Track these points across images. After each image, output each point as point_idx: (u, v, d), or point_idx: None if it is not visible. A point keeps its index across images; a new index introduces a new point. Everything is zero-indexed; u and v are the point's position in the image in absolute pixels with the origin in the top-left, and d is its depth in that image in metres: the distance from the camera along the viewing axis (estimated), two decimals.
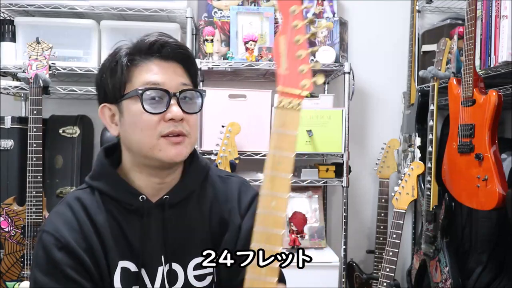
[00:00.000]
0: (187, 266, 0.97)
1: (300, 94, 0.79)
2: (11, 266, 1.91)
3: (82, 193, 0.97)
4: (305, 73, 0.80)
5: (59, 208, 0.96)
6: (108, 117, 0.97)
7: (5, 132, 2.08)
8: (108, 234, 0.92)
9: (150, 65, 0.92)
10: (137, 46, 0.93)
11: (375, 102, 2.60)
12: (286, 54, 0.80)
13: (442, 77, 2.04)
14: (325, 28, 2.18)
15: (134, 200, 0.94)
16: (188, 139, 0.93)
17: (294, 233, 2.18)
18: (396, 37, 2.58)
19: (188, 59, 0.96)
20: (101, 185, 0.96)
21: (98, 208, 0.94)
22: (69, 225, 0.91)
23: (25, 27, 2.15)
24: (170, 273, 0.96)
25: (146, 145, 0.91)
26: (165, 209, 0.96)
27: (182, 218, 0.98)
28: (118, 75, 0.92)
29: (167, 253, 0.96)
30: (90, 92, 2.13)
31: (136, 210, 0.95)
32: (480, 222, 2.04)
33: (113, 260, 0.92)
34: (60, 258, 0.88)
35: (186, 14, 2.15)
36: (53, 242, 0.89)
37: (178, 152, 0.91)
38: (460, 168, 1.81)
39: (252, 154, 2.13)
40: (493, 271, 1.97)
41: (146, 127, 0.90)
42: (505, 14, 1.72)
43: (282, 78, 0.80)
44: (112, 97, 0.94)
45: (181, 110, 0.90)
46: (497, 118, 1.69)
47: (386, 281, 1.75)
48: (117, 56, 0.93)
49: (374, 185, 2.55)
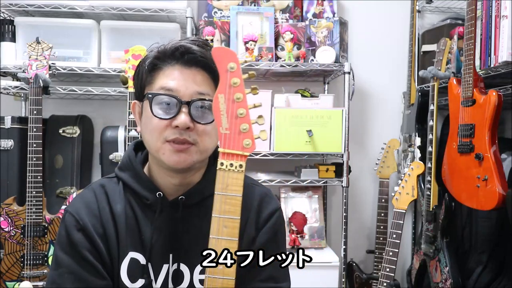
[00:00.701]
0: (194, 268, 0.97)
1: (243, 154, 0.78)
2: (11, 266, 1.91)
3: (108, 182, 1.02)
4: (247, 131, 0.79)
5: (84, 192, 1.01)
6: (137, 113, 1.01)
7: (5, 132, 2.08)
8: (123, 223, 0.96)
9: (172, 70, 0.93)
10: (164, 50, 0.94)
11: (375, 102, 2.60)
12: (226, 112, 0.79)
13: (442, 77, 2.04)
14: (325, 28, 2.18)
15: (151, 195, 0.97)
16: (195, 148, 0.92)
17: (294, 233, 2.18)
18: (396, 37, 2.58)
19: (211, 68, 0.94)
20: (125, 176, 1.00)
21: (119, 197, 0.98)
22: (89, 210, 0.97)
23: (25, 27, 2.15)
24: (177, 273, 0.96)
25: (153, 147, 0.94)
26: (179, 209, 0.97)
27: (195, 220, 0.98)
28: (140, 77, 0.97)
29: (176, 252, 0.97)
30: (90, 92, 2.13)
31: (152, 205, 0.97)
32: (480, 222, 2.04)
33: (124, 249, 0.95)
34: (78, 239, 0.94)
35: (186, 14, 2.15)
36: (73, 223, 0.95)
37: (180, 159, 0.91)
38: (460, 168, 1.81)
39: (252, 154, 2.12)
40: (493, 271, 1.97)
41: (154, 130, 0.92)
42: (505, 14, 1.72)
43: (223, 139, 0.79)
44: (138, 95, 0.99)
45: (189, 118, 0.90)
46: (497, 118, 1.69)
47: (386, 281, 1.75)
48: (145, 58, 0.97)
49: (374, 185, 2.55)
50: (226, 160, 0.78)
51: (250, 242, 0.99)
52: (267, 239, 1.00)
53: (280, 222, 1.05)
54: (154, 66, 0.94)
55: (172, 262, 0.97)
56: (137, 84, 0.99)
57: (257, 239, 0.99)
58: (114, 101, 2.44)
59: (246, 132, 0.78)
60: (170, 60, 0.93)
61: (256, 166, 2.35)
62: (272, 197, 1.06)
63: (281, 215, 1.06)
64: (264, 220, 1.01)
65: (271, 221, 1.01)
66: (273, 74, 2.39)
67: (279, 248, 1.02)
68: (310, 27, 2.20)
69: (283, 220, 1.08)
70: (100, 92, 2.14)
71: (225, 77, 0.79)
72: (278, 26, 2.25)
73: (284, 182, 2.18)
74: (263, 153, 2.12)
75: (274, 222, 1.02)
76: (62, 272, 0.93)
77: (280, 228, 1.04)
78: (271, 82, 2.50)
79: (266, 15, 2.23)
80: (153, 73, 0.94)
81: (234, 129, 0.78)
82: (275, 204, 1.04)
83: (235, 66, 0.79)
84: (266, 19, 2.23)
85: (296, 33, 2.22)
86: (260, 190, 1.06)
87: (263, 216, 1.01)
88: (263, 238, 0.99)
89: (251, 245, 0.99)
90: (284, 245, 1.06)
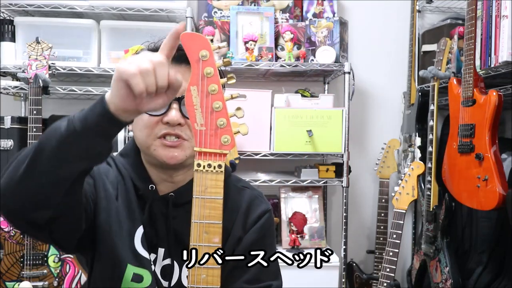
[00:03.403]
0: (183, 265, 0.97)
1: (221, 153, 0.70)
2: (10, 266, 1.91)
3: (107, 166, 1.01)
4: (224, 127, 0.70)
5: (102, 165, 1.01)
6: None
7: (5, 132, 2.07)
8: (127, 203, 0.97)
9: None
10: (153, 48, 0.94)
11: (375, 102, 2.60)
12: (200, 106, 0.70)
13: (442, 77, 2.04)
14: (325, 28, 2.18)
15: (143, 185, 0.97)
16: (188, 143, 0.92)
17: (294, 233, 2.17)
18: (396, 37, 2.57)
19: None
20: (124, 162, 1.01)
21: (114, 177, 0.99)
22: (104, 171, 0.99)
23: (25, 27, 2.15)
24: (167, 268, 0.97)
25: (144, 144, 0.94)
26: (169, 205, 0.97)
27: (185, 219, 0.97)
28: None
29: (167, 248, 0.97)
30: (90, 92, 2.13)
31: (143, 196, 0.97)
32: (480, 222, 2.04)
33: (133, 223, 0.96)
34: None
35: (186, 14, 2.15)
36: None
37: (171, 155, 0.91)
38: (460, 168, 1.80)
39: (252, 154, 2.12)
40: (493, 271, 1.97)
41: (145, 127, 0.92)
42: (505, 14, 1.72)
43: (198, 136, 0.70)
44: None
45: (180, 114, 0.90)
46: (497, 118, 1.69)
47: (386, 281, 1.75)
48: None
49: (374, 185, 2.55)
50: (203, 160, 0.70)
51: (236, 243, 0.98)
52: (254, 239, 0.99)
53: (270, 224, 1.04)
54: None
55: (164, 257, 0.97)
56: None
57: (244, 239, 0.99)
58: None
59: (224, 127, 0.71)
60: None
61: (256, 166, 2.35)
62: (262, 200, 1.05)
63: (271, 217, 1.05)
64: (253, 221, 1.00)
65: (259, 222, 1.01)
66: (273, 74, 2.39)
67: (266, 247, 1.00)
68: (310, 27, 2.20)
69: (273, 222, 1.07)
70: (100, 92, 2.14)
71: (197, 67, 0.70)
72: (278, 26, 2.25)
73: (284, 182, 2.18)
74: (263, 153, 2.12)
75: (263, 223, 1.01)
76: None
77: (268, 229, 1.03)
78: (271, 82, 2.50)
79: (266, 15, 2.23)
80: None
81: (210, 125, 0.71)
82: (265, 206, 1.03)
83: (207, 54, 0.70)
84: (266, 19, 2.23)
85: (296, 33, 2.22)
86: (250, 192, 1.05)
87: (252, 217, 1.01)
88: (250, 238, 0.98)
89: (236, 245, 0.98)
90: (272, 247, 1.05)
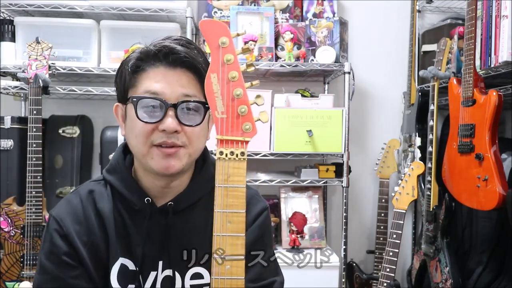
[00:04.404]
0: (185, 274, 0.96)
1: (244, 140, 0.69)
2: (10, 266, 1.91)
3: (95, 185, 0.98)
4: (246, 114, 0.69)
5: (71, 196, 0.98)
6: (120, 116, 0.98)
7: (5, 132, 2.07)
8: (112, 229, 0.93)
9: (156, 72, 0.89)
10: (146, 51, 0.90)
11: (375, 102, 2.60)
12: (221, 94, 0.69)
13: (442, 77, 2.04)
14: (325, 28, 2.18)
15: (139, 201, 0.94)
16: (184, 150, 0.89)
17: (294, 233, 2.17)
18: (396, 37, 2.57)
19: (196, 68, 0.90)
20: (113, 179, 0.96)
21: (107, 202, 0.95)
22: (74, 216, 0.93)
23: (25, 27, 2.15)
24: (169, 279, 0.94)
25: (139, 152, 0.91)
26: (168, 215, 0.94)
27: (185, 225, 0.96)
28: (123, 79, 0.93)
29: (167, 259, 0.94)
30: (90, 92, 2.13)
31: (140, 211, 0.94)
32: (480, 222, 2.04)
33: (114, 255, 0.93)
34: (60, 245, 0.91)
35: (186, 14, 2.14)
36: (56, 227, 0.92)
37: (169, 165, 0.88)
38: (460, 168, 1.80)
39: (252, 154, 2.12)
40: (493, 271, 1.97)
41: (140, 135, 0.89)
42: (505, 14, 1.72)
43: (220, 124, 0.69)
44: (121, 98, 0.96)
45: (176, 121, 0.87)
46: (497, 118, 1.69)
47: (386, 281, 1.75)
48: (127, 59, 0.93)
49: (374, 185, 2.55)
50: (226, 148, 0.69)
51: None
52: (254, 238, 0.98)
53: (268, 222, 1.04)
54: (137, 68, 0.90)
55: (163, 268, 0.94)
56: (119, 86, 0.95)
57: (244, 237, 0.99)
58: (114, 101, 2.37)
59: (245, 114, 0.69)
60: (154, 61, 0.89)
61: (256, 166, 2.35)
62: (259, 198, 1.05)
63: (269, 215, 1.05)
64: (252, 220, 1.00)
65: (258, 220, 1.00)
66: (273, 74, 2.39)
67: (266, 247, 1.01)
68: (310, 27, 2.20)
69: (270, 220, 1.08)
70: (100, 92, 2.14)
71: (217, 54, 0.69)
72: (278, 26, 2.25)
73: (284, 182, 2.18)
74: (263, 153, 2.12)
75: (261, 221, 1.01)
76: (46, 278, 0.92)
77: (267, 227, 1.04)
78: (271, 82, 2.50)
79: (266, 15, 2.23)
80: (136, 75, 0.91)
81: (232, 113, 0.69)
82: (262, 204, 1.03)
83: (227, 41, 0.69)
84: (266, 19, 2.23)
85: (296, 33, 2.22)
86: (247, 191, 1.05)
87: (251, 216, 1.00)
88: (250, 236, 0.97)
89: None
90: (271, 245, 1.05)
